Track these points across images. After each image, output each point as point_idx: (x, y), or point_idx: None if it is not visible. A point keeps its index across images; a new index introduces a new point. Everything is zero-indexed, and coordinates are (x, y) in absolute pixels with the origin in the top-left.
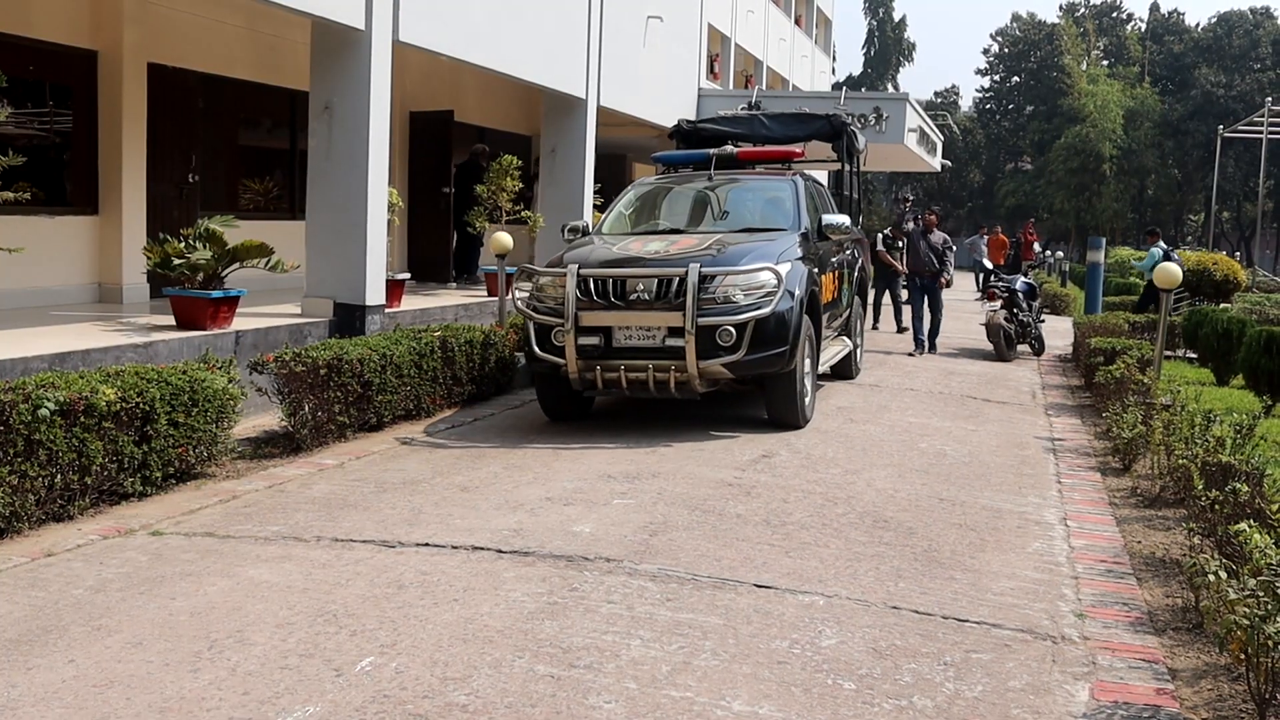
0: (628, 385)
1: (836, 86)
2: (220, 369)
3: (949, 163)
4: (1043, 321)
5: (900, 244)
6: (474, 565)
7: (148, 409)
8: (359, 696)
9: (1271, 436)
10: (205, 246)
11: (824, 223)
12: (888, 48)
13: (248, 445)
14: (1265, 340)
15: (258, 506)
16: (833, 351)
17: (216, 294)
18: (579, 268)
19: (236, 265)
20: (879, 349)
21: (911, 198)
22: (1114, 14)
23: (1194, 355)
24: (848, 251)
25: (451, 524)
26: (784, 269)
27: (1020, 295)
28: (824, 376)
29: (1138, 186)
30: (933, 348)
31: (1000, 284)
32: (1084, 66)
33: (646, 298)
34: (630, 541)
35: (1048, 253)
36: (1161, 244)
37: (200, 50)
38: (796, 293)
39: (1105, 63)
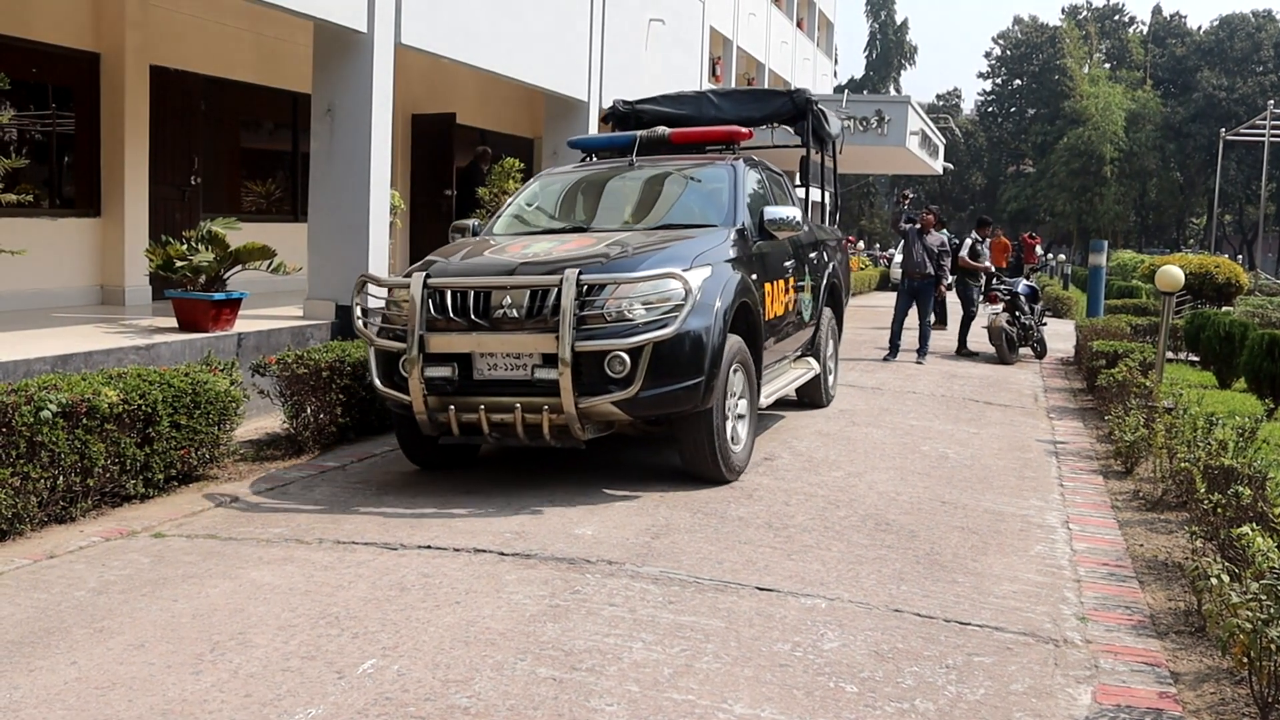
0: (490, 429)
1: (839, 89)
2: (222, 371)
3: (951, 165)
4: (1044, 324)
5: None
6: (476, 568)
7: (150, 411)
8: (361, 699)
9: (1274, 440)
10: (207, 249)
11: (766, 217)
12: (890, 50)
13: (250, 447)
14: (1267, 343)
15: (260, 509)
16: (788, 379)
17: (219, 296)
18: (429, 277)
19: (239, 267)
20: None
21: (911, 194)
22: (1116, 17)
23: (1196, 358)
24: (812, 255)
25: (454, 527)
26: (697, 275)
27: (1022, 298)
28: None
29: (1139, 189)
30: (922, 356)
31: (1002, 287)
32: (1086, 69)
33: (516, 315)
34: (632, 544)
35: (1049, 255)
36: (975, 234)
37: (202, 52)
38: (717, 305)
39: (1107, 65)
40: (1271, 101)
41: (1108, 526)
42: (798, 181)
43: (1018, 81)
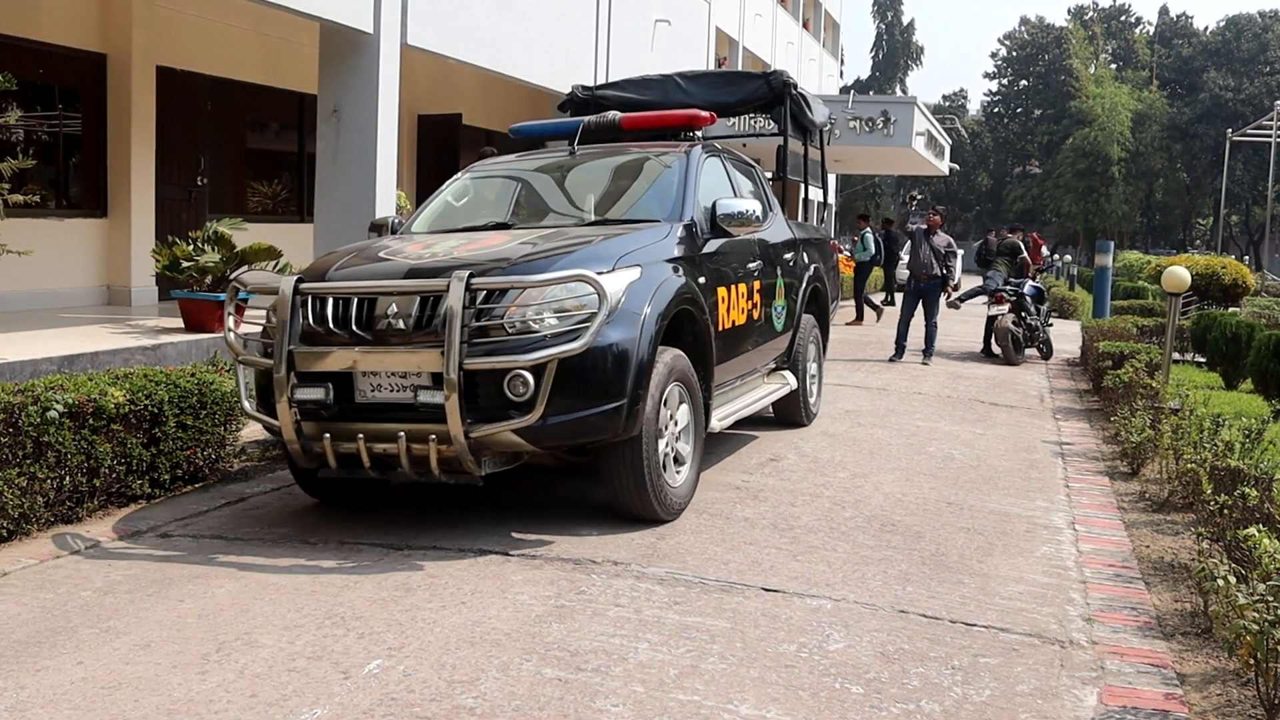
0: (371, 462)
1: (845, 90)
2: (228, 371)
3: (957, 166)
4: (1050, 325)
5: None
6: (481, 568)
7: (156, 411)
8: (366, 699)
9: None
10: (214, 249)
11: (719, 211)
12: (896, 51)
13: (257, 447)
14: (1274, 344)
15: (266, 509)
16: (754, 396)
17: (225, 297)
18: (300, 281)
19: (245, 268)
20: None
21: (919, 196)
22: (1122, 17)
23: (1203, 359)
24: (788, 256)
25: (457, 527)
26: (619, 278)
27: (1028, 299)
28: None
29: (1146, 190)
30: (928, 357)
31: (1008, 287)
32: (1092, 70)
33: (402, 326)
34: (637, 544)
35: (1055, 256)
36: (870, 228)
37: (209, 53)
38: (646, 313)
39: (1114, 66)
40: (1278, 102)
41: (1114, 528)
42: (777, 174)
43: (1024, 82)
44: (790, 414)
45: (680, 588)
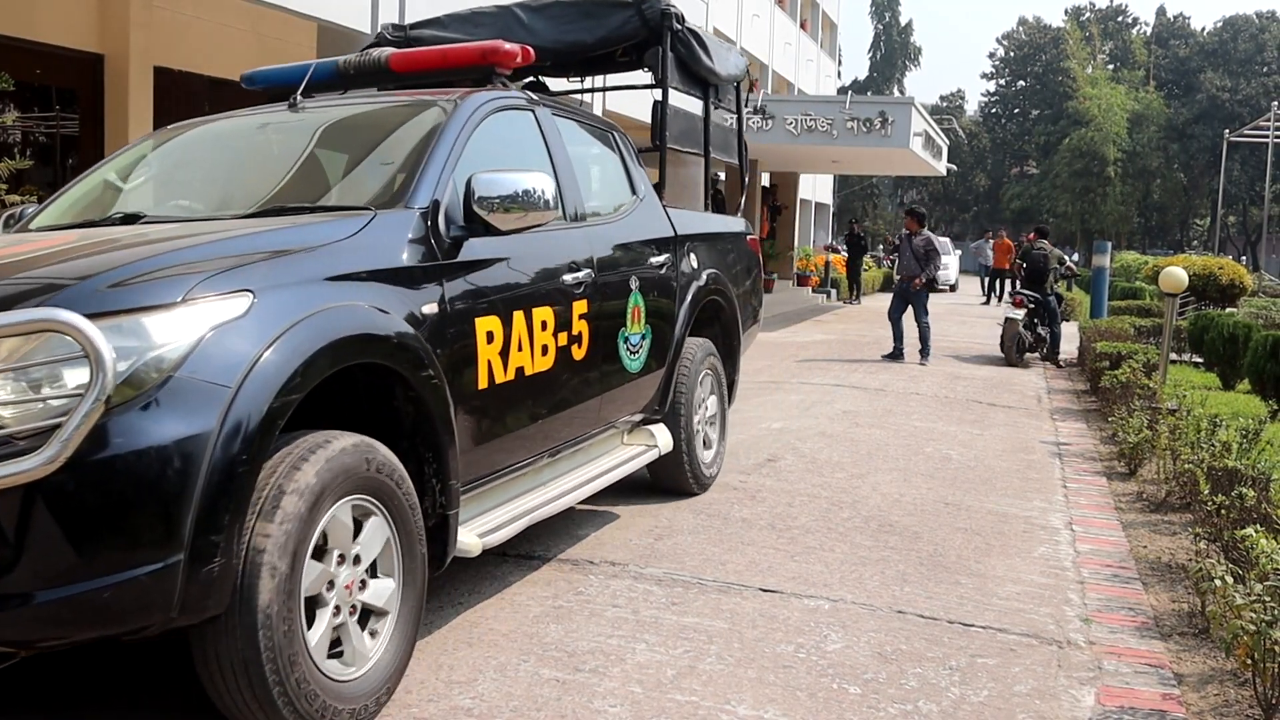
0: None
1: (842, 90)
2: None
3: (954, 167)
4: (1059, 335)
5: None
6: (478, 569)
7: None
8: None
9: (1278, 441)
10: None
11: (475, 192)
12: (894, 52)
13: None
14: (1271, 345)
15: None
16: (575, 479)
17: None
18: None
19: None
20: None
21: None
22: (1119, 18)
23: (1200, 360)
24: (657, 260)
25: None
26: (184, 320)
27: (1046, 310)
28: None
29: (1143, 191)
30: (925, 358)
31: (1029, 293)
32: (1089, 70)
33: None
34: (635, 545)
35: (1075, 261)
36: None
37: (206, 54)
38: (242, 383)
39: (1111, 66)
40: (1275, 103)
41: (1111, 528)
42: (653, 142)
43: (1021, 82)
44: (671, 479)
45: (678, 588)
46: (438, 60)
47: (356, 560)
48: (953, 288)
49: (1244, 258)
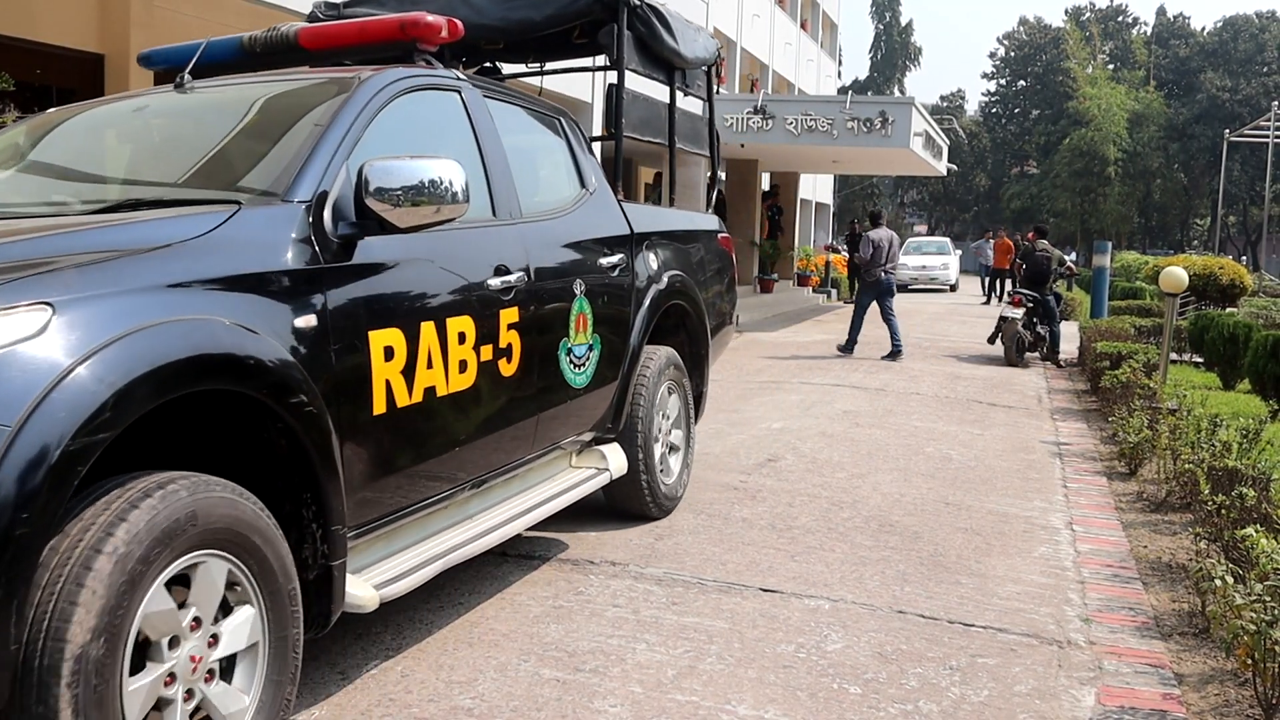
0: None
1: (842, 90)
2: None
3: (955, 167)
4: (1059, 335)
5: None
6: (478, 569)
7: None
8: (364, 700)
9: (1278, 441)
10: None
11: (369, 182)
12: (894, 52)
13: None
14: (1272, 345)
15: None
16: (506, 512)
17: None
18: None
19: None
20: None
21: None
22: (1120, 18)
23: (1200, 360)
24: (608, 262)
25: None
26: None
27: (1045, 310)
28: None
29: (1143, 190)
30: (897, 353)
31: (1028, 293)
32: (1089, 70)
33: None
34: (635, 545)
35: (1075, 261)
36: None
37: None
38: (27, 431)
39: (1111, 66)
40: (1276, 103)
41: (1111, 528)
42: (607, 130)
43: (1021, 82)
44: (629, 502)
45: (678, 588)
46: (353, 35)
47: (211, 637)
48: (953, 288)
49: (1244, 258)
